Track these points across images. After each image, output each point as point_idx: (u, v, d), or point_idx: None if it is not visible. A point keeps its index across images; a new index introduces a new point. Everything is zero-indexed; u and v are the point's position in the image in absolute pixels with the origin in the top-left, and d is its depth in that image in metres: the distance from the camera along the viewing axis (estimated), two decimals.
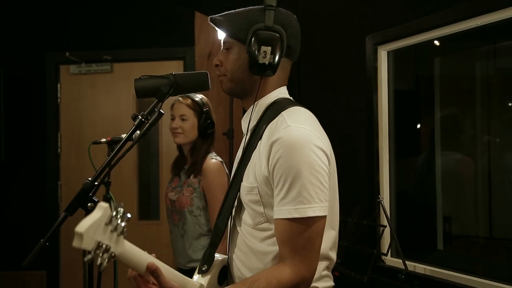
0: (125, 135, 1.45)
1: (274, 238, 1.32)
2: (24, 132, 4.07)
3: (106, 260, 1.04)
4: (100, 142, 2.11)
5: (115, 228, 1.06)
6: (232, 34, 1.39)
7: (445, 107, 2.81)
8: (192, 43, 3.82)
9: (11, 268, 3.82)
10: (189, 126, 2.45)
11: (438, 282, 2.35)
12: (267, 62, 1.31)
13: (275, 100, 1.40)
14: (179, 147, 2.56)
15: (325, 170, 1.27)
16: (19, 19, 4.08)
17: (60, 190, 4.06)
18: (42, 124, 4.05)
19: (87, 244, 1.01)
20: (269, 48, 1.30)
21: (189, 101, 2.47)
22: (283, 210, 1.25)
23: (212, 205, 2.41)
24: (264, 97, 1.41)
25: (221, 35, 1.44)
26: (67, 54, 3.98)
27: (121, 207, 1.08)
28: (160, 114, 1.43)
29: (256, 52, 1.30)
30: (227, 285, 1.41)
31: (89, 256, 1.02)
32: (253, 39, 1.31)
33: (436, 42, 2.59)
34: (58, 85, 4.10)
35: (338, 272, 2.25)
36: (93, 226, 1.02)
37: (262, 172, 1.30)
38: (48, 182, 4.03)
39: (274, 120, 1.34)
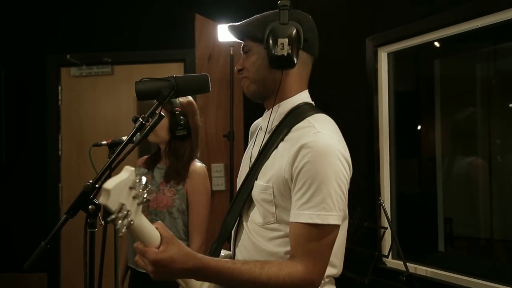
0: (126, 137, 1.46)
1: (282, 240, 1.32)
2: (25, 134, 4.07)
3: (125, 227, 0.98)
4: (101, 145, 2.11)
5: (137, 196, 1.01)
6: (250, 35, 1.43)
7: (445, 109, 2.81)
8: (192, 46, 3.83)
9: (12, 270, 3.81)
10: (159, 125, 2.38)
11: (439, 284, 2.34)
12: (285, 53, 1.33)
13: (298, 104, 1.42)
14: (157, 145, 2.50)
15: (347, 180, 1.30)
16: (20, 21, 4.08)
17: (60, 193, 4.05)
18: (43, 126, 4.05)
19: (113, 203, 0.95)
20: (286, 39, 1.33)
21: None
22: (305, 214, 1.25)
23: (195, 208, 2.38)
24: (286, 100, 1.42)
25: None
26: (68, 56, 3.98)
27: (144, 175, 1.04)
28: (161, 117, 1.43)
29: (273, 45, 1.33)
30: None
31: (112, 217, 0.96)
32: (269, 34, 1.35)
33: (436, 44, 2.59)
34: (59, 87, 4.10)
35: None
36: (120, 186, 0.96)
37: (282, 173, 1.30)
38: (48, 184, 4.03)
39: (298, 124, 1.35)
